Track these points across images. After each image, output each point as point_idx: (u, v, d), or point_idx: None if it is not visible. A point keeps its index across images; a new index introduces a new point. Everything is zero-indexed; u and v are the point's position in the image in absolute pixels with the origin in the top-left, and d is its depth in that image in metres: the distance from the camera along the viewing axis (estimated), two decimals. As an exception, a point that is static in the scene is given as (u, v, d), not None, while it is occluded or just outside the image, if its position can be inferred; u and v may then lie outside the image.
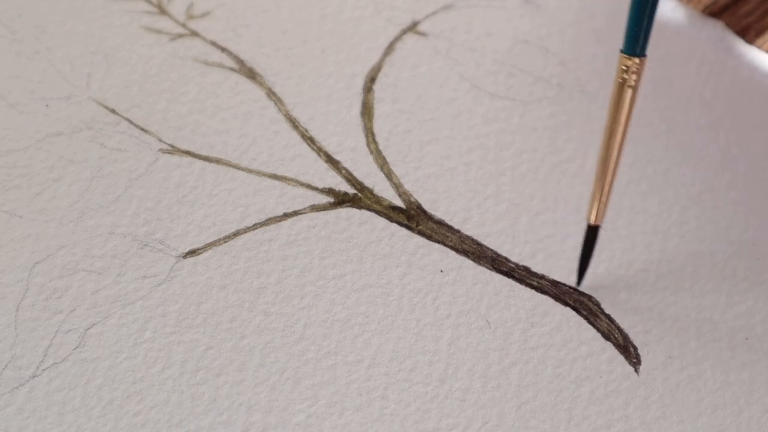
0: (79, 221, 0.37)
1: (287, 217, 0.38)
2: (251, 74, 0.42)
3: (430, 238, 0.38)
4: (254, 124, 0.40)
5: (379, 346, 0.35)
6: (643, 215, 0.39)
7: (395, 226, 0.38)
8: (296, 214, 0.38)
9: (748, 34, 0.45)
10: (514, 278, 0.37)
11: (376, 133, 0.41)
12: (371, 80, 0.42)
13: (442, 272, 0.37)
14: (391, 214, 0.38)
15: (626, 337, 0.36)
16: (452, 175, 0.40)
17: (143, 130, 0.40)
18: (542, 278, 0.37)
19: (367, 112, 0.41)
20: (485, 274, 0.37)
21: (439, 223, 0.38)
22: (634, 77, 0.32)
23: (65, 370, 0.34)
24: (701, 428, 0.34)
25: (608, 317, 0.37)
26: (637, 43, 0.32)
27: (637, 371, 0.35)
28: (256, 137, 0.40)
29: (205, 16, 0.44)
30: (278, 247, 0.37)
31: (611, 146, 0.33)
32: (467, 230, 0.38)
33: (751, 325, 0.37)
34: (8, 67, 0.41)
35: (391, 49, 0.43)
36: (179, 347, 0.35)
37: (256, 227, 0.38)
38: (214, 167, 0.39)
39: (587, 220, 0.36)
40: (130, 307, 0.35)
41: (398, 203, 0.39)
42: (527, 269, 0.37)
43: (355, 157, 0.40)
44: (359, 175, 0.39)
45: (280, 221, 0.38)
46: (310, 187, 0.39)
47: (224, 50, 0.43)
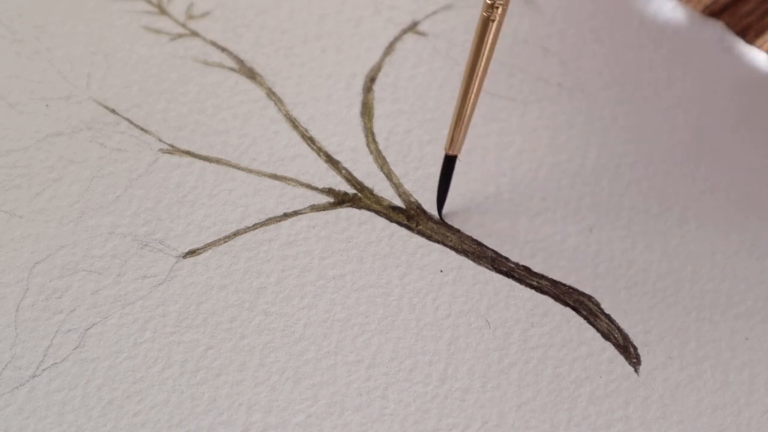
0: (79, 221, 0.37)
1: (287, 217, 0.38)
2: (251, 74, 0.42)
3: (430, 238, 0.38)
4: (254, 124, 0.40)
5: (379, 346, 0.35)
6: (643, 215, 0.39)
7: (395, 226, 0.38)
8: (296, 214, 0.38)
9: (748, 34, 0.45)
10: (514, 278, 0.37)
11: (376, 133, 0.41)
12: (371, 80, 0.42)
13: (442, 272, 0.37)
14: (391, 214, 0.38)
15: (626, 337, 0.36)
16: (452, 175, 0.40)
17: (143, 130, 0.40)
18: (542, 278, 0.37)
19: (367, 112, 0.41)
20: (485, 274, 0.37)
21: (439, 223, 0.38)
22: (498, 11, 0.34)
23: (65, 370, 0.34)
24: (701, 428, 0.34)
25: (608, 317, 0.37)
26: None
27: (637, 371, 0.35)
28: (256, 137, 0.40)
29: (205, 16, 0.44)
30: (278, 247, 0.37)
31: (472, 79, 0.35)
32: (467, 230, 0.38)
33: (751, 325, 0.37)
34: (8, 67, 0.41)
35: (391, 49, 0.43)
36: (179, 347, 0.35)
37: (256, 227, 0.38)
38: (214, 167, 0.39)
39: (444, 150, 0.37)
40: (130, 307, 0.35)
41: (398, 203, 0.39)
42: (527, 269, 0.37)
43: (355, 157, 0.40)
44: (359, 175, 0.39)
45: (280, 221, 0.38)
46: (310, 187, 0.39)
47: (224, 50, 0.43)
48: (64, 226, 0.37)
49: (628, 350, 0.36)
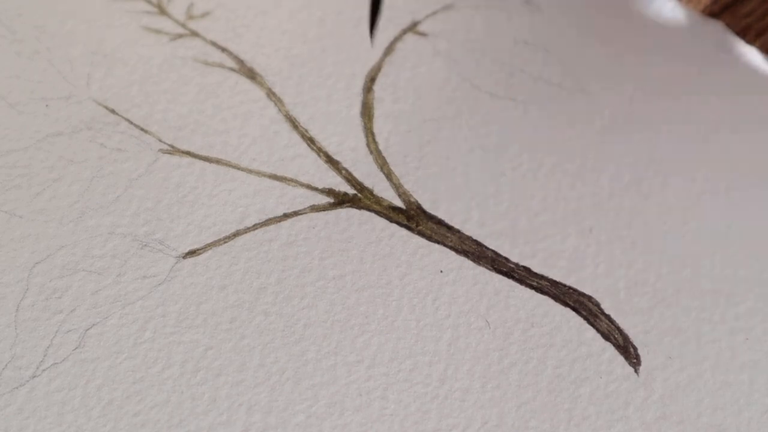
0: (79, 221, 0.37)
1: (287, 217, 0.38)
2: (251, 74, 0.42)
3: (430, 238, 0.38)
4: (254, 124, 0.40)
5: (379, 346, 0.35)
6: (643, 215, 0.39)
7: (395, 226, 0.38)
8: (296, 214, 0.38)
9: (748, 34, 0.45)
10: (514, 278, 0.37)
11: (376, 133, 0.41)
12: (371, 80, 0.42)
13: (442, 272, 0.37)
14: (390, 214, 0.38)
15: (626, 337, 0.36)
16: (452, 175, 0.40)
17: (143, 130, 0.40)
18: (542, 278, 0.37)
19: (367, 112, 0.41)
20: (485, 274, 0.37)
21: (439, 223, 0.38)
22: None
23: (65, 370, 0.34)
24: (701, 428, 0.34)
25: (608, 317, 0.37)
26: None
27: (636, 372, 0.35)
28: (256, 137, 0.40)
29: (205, 16, 0.44)
30: (278, 247, 0.37)
31: None
32: (467, 230, 0.38)
33: (751, 325, 0.37)
34: (8, 67, 0.41)
35: (391, 49, 0.43)
36: (179, 347, 0.35)
37: (256, 227, 0.38)
38: (214, 167, 0.39)
39: None
40: (130, 307, 0.35)
41: (398, 203, 0.39)
42: (527, 269, 0.37)
43: (355, 157, 0.40)
44: (359, 175, 0.39)
45: (280, 221, 0.38)
46: (310, 187, 0.39)
47: (224, 50, 0.43)
48: (64, 226, 0.37)
49: (628, 351, 0.36)
